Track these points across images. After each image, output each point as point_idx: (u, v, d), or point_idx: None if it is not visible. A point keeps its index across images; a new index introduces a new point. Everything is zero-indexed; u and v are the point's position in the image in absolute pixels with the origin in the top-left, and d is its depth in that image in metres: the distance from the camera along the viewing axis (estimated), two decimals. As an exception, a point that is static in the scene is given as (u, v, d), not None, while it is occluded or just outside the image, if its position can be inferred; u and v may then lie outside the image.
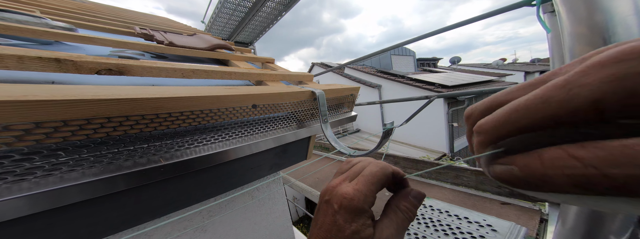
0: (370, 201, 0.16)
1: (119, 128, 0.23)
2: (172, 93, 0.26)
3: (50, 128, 0.19)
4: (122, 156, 0.24)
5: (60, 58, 0.29)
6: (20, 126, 0.18)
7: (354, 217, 0.15)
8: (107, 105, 0.21)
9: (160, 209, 0.31)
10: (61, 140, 0.20)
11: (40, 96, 0.18)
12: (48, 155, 0.20)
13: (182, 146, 0.30)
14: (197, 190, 0.35)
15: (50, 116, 0.18)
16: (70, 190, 0.21)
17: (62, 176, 0.21)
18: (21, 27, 0.44)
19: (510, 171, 0.10)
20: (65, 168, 0.21)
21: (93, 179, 0.22)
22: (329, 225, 0.15)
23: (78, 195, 0.21)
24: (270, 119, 0.41)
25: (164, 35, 0.78)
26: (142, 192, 0.28)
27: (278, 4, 3.14)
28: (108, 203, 0.25)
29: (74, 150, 0.21)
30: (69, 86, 0.23)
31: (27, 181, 0.19)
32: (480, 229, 0.64)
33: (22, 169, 0.19)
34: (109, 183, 0.23)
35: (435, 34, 0.94)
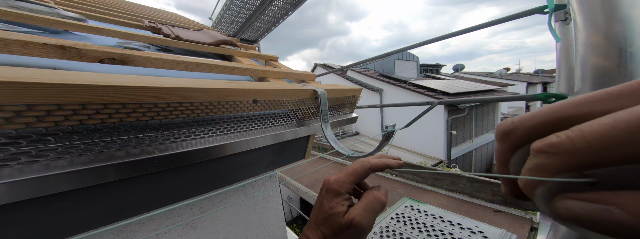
0: (347, 187, 0.21)
1: (115, 115, 0.23)
2: (173, 84, 0.26)
3: (42, 112, 0.19)
4: (115, 146, 0.24)
5: (65, 45, 0.30)
6: (11, 108, 0.17)
7: (333, 197, 0.20)
8: (105, 91, 0.21)
9: (150, 204, 0.31)
10: (52, 124, 0.20)
11: (37, 78, 0.18)
12: (36, 140, 0.19)
13: (178, 137, 0.29)
14: (190, 184, 0.35)
15: (44, 99, 0.18)
16: (56, 178, 0.20)
17: (49, 163, 0.20)
18: (33, 15, 0.44)
19: (607, 212, 0.07)
20: (52, 155, 0.20)
21: (82, 168, 0.21)
22: (317, 205, 0.22)
23: (64, 184, 0.21)
24: (271, 116, 0.41)
25: (171, 29, 0.79)
26: (133, 184, 0.28)
27: (285, 3, 3.18)
28: (95, 194, 0.25)
29: (65, 136, 0.21)
30: (69, 72, 0.23)
31: (8, 168, 0.19)
32: (473, 236, 0.64)
33: (6, 154, 0.18)
34: (99, 173, 0.22)
35: (442, 39, 0.94)
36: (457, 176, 0.98)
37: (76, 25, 0.50)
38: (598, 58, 0.38)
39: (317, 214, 0.21)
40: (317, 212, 0.21)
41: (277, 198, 0.62)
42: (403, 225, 0.75)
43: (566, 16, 0.58)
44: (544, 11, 0.58)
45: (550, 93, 0.61)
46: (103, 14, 0.76)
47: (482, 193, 0.92)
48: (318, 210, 0.21)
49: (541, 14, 0.59)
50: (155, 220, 0.38)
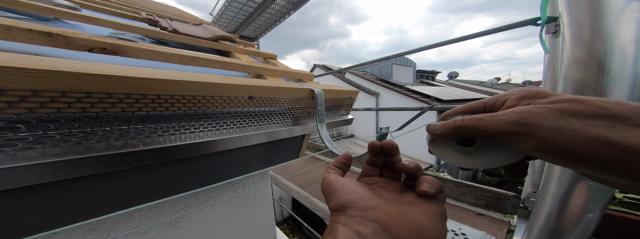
0: (336, 179, 0.21)
1: (98, 104, 0.22)
2: (164, 76, 0.25)
3: (14, 97, 0.17)
4: (95, 137, 0.23)
5: (52, 32, 0.28)
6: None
7: (328, 194, 0.20)
8: (89, 80, 0.20)
9: (129, 200, 0.29)
10: (26, 110, 0.18)
11: (13, 63, 0.16)
12: (4, 128, 0.18)
13: (166, 131, 0.28)
14: (175, 180, 0.33)
15: (18, 84, 0.17)
16: (23, 170, 0.18)
17: (15, 154, 0.18)
18: (22, 1, 0.42)
19: (451, 121, 0.19)
20: (21, 145, 0.19)
21: (53, 160, 0.19)
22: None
23: (33, 177, 0.19)
24: (265, 113, 0.40)
25: (169, 22, 0.77)
26: (112, 179, 0.26)
27: (287, 2, 3.18)
28: (69, 189, 0.23)
29: (38, 124, 0.19)
30: (52, 58, 0.22)
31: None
32: (456, 238, 0.65)
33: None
34: (74, 166, 0.21)
35: (439, 45, 0.97)
36: (444, 180, 1.01)
37: (68, 14, 0.48)
38: (579, 72, 0.40)
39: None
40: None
41: (268, 198, 0.61)
42: None
43: (556, 29, 0.61)
44: (536, 23, 0.60)
45: None
46: (99, 4, 0.74)
47: (467, 197, 0.95)
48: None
49: (534, 25, 0.62)
50: (134, 218, 0.35)
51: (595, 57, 0.37)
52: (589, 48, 0.38)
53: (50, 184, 0.21)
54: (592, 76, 0.37)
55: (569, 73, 0.42)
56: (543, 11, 0.58)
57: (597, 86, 0.37)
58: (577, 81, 0.40)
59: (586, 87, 0.39)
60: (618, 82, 0.35)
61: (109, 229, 0.33)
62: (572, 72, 0.41)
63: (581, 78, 0.39)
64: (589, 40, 0.38)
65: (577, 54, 0.40)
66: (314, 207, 1.68)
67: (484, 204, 0.86)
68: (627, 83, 0.35)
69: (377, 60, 1.43)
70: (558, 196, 0.41)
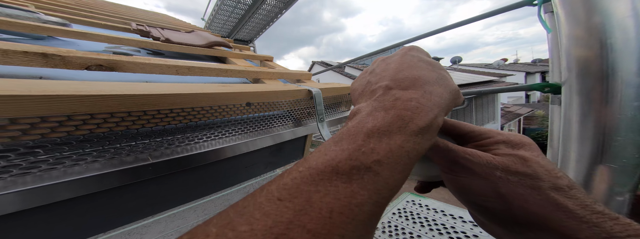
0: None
1: (103, 125, 0.22)
2: (161, 90, 0.25)
3: (26, 125, 0.18)
4: (107, 154, 0.24)
5: (47, 53, 0.28)
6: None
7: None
8: (90, 101, 0.20)
9: (148, 208, 0.31)
10: (39, 136, 0.19)
11: (15, 91, 0.17)
12: (24, 153, 0.19)
13: (172, 144, 0.29)
14: (188, 188, 0.35)
15: (26, 112, 0.17)
16: (50, 188, 0.20)
17: (42, 174, 0.20)
18: (11, 21, 0.43)
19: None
20: (44, 166, 0.20)
21: (75, 178, 0.21)
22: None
23: (64, 192, 0.21)
24: (266, 117, 0.40)
25: (160, 31, 0.77)
26: (130, 191, 0.28)
27: (278, 1, 3.11)
28: (97, 201, 0.25)
29: (54, 148, 0.20)
30: (52, 81, 0.22)
31: (2, 181, 0.18)
32: (475, 229, 0.64)
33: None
34: (87, 182, 0.22)
35: (437, 32, 0.93)
36: None
37: (60, 31, 0.48)
38: (581, 49, 0.38)
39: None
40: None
41: (278, 199, 0.62)
42: (405, 220, 0.76)
43: (554, 8, 0.58)
44: (533, 3, 0.57)
45: (544, 83, 0.62)
46: (88, 18, 0.74)
47: None
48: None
49: (531, 6, 0.59)
50: (161, 222, 0.39)
51: (594, 34, 0.36)
52: (586, 25, 0.37)
53: (87, 196, 0.22)
54: (595, 53, 0.36)
55: (570, 51, 0.40)
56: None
57: (603, 63, 0.36)
58: (581, 59, 0.39)
59: (591, 64, 0.37)
60: (625, 57, 0.34)
61: (141, 232, 0.35)
62: (573, 49, 0.40)
63: (584, 56, 0.38)
64: (584, 18, 0.37)
65: (575, 32, 0.39)
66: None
67: None
68: (634, 57, 0.34)
69: (376, 51, 1.39)
70: (579, 181, 0.40)
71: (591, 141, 0.38)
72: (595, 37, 0.36)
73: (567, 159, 0.43)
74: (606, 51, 0.35)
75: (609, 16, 0.35)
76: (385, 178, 0.11)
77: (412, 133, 0.12)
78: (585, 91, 0.38)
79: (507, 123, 7.15)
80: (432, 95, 0.14)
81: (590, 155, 0.38)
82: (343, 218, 0.09)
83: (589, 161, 0.39)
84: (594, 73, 0.37)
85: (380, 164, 0.11)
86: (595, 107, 0.37)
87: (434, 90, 0.14)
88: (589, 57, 0.37)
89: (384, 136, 0.12)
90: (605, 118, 0.36)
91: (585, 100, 0.38)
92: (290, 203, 0.09)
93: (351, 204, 0.10)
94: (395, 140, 0.12)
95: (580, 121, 0.40)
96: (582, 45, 0.38)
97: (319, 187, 0.10)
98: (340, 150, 0.11)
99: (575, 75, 0.40)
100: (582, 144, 0.39)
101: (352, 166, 0.11)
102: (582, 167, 0.39)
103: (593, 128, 0.38)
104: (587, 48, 0.37)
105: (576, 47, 0.39)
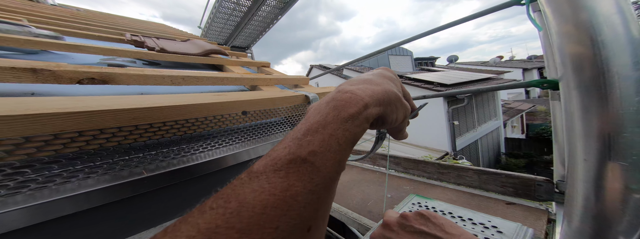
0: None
1: (92, 142, 0.21)
2: (152, 103, 0.24)
3: (10, 146, 0.17)
4: (100, 170, 0.23)
5: (36, 68, 0.28)
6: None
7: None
8: (76, 118, 0.19)
9: (146, 222, 0.29)
10: (25, 156, 0.18)
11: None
12: (11, 173, 0.18)
13: (168, 156, 0.28)
14: (190, 199, 0.33)
15: (8, 132, 0.16)
16: (41, 207, 0.19)
17: (33, 193, 0.19)
18: (2, 35, 0.42)
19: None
20: (33, 186, 0.19)
21: (68, 195, 0.20)
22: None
23: (64, 208, 0.20)
24: (264, 125, 0.39)
25: (156, 41, 0.77)
26: (126, 205, 0.26)
27: (273, 7, 3.16)
28: (86, 218, 0.23)
29: (42, 167, 0.19)
30: (39, 98, 0.21)
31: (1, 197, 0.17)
32: (486, 231, 0.61)
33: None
34: (90, 198, 0.21)
35: (429, 33, 0.94)
36: (463, 169, 0.95)
37: (53, 44, 0.48)
38: (572, 45, 0.39)
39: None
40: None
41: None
42: None
43: (541, 7, 0.59)
44: (521, 3, 0.59)
45: (542, 79, 0.62)
46: (82, 30, 0.74)
47: (491, 185, 0.88)
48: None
49: (518, 5, 0.60)
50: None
51: (583, 30, 0.37)
52: (574, 21, 0.38)
53: (67, 216, 0.21)
54: (588, 49, 0.37)
55: (563, 48, 0.41)
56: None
57: (596, 59, 0.36)
58: (575, 55, 0.39)
59: (585, 61, 0.37)
60: (617, 53, 0.35)
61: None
62: (565, 46, 0.40)
63: (577, 52, 0.38)
64: (571, 15, 0.38)
65: (565, 29, 0.39)
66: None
67: (513, 191, 0.80)
68: (627, 53, 0.34)
69: (373, 53, 1.40)
70: (589, 180, 0.38)
71: (596, 138, 0.37)
72: (584, 33, 0.36)
73: (574, 156, 0.41)
74: (599, 48, 0.35)
75: (594, 14, 0.35)
76: (318, 167, 0.12)
77: (342, 121, 0.14)
78: (583, 86, 0.38)
79: (509, 119, 7.13)
80: (366, 90, 0.16)
81: (597, 152, 0.37)
82: (277, 212, 0.10)
83: (597, 159, 0.37)
84: (589, 69, 0.37)
85: (315, 154, 0.12)
86: (595, 102, 0.37)
87: (370, 87, 0.17)
88: (582, 53, 0.37)
89: (321, 127, 0.13)
90: (608, 113, 0.36)
91: (584, 94, 0.38)
92: (222, 209, 0.10)
93: (286, 196, 0.10)
94: (327, 130, 0.13)
95: (582, 117, 0.39)
96: (573, 41, 0.38)
97: (256, 186, 0.11)
98: (283, 148, 0.13)
99: (570, 70, 0.40)
100: (587, 140, 0.38)
101: (289, 160, 0.12)
102: (591, 165, 0.38)
103: (597, 123, 0.37)
104: (579, 44, 0.37)
105: (568, 44, 0.39)
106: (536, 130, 7.17)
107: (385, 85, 0.18)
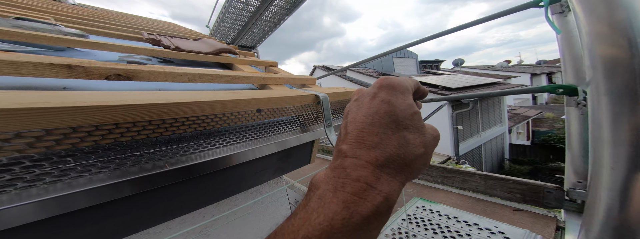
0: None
1: (126, 134, 0.23)
2: (178, 99, 0.26)
3: (59, 135, 0.19)
4: (128, 162, 0.24)
5: (71, 64, 0.30)
6: (31, 134, 0.18)
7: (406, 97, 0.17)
8: (116, 111, 0.21)
9: (163, 216, 0.31)
10: (70, 146, 0.20)
11: (50, 103, 0.18)
12: (57, 162, 0.20)
13: (187, 151, 0.30)
14: (201, 194, 0.35)
15: (60, 123, 0.18)
16: (77, 196, 0.21)
17: (71, 182, 0.21)
18: (36, 34, 0.45)
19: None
20: (72, 174, 0.21)
21: (100, 185, 0.22)
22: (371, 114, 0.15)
23: (85, 200, 0.22)
24: (274, 123, 0.41)
25: (170, 40, 0.80)
26: (147, 198, 0.28)
27: (281, 8, 3.20)
28: (113, 208, 0.25)
29: (82, 156, 0.21)
30: (78, 92, 0.23)
31: (36, 188, 0.19)
32: (492, 237, 0.60)
33: (31, 175, 0.19)
34: (116, 189, 0.23)
35: (438, 36, 0.94)
36: (468, 173, 0.94)
37: (79, 42, 0.51)
38: (605, 47, 0.36)
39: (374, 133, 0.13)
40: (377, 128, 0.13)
41: (285, 204, 0.62)
42: (416, 227, 0.72)
43: (563, 9, 0.57)
44: (539, 5, 0.57)
45: (558, 84, 0.60)
46: (103, 29, 0.78)
47: (498, 191, 0.86)
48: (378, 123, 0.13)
49: (536, 7, 0.59)
50: (171, 228, 0.39)
51: (620, 30, 0.34)
52: (609, 22, 0.35)
53: (99, 205, 0.23)
54: (624, 51, 0.34)
55: (593, 50, 0.38)
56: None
57: (633, 62, 0.33)
58: (606, 57, 0.36)
59: (620, 63, 0.35)
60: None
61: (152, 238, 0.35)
62: (597, 48, 0.38)
63: (610, 54, 0.36)
64: (606, 14, 0.35)
65: (598, 29, 0.37)
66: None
67: (520, 198, 0.77)
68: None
69: (377, 55, 1.41)
70: (616, 190, 0.36)
71: (627, 146, 0.34)
72: (620, 34, 0.33)
73: (599, 164, 0.38)
74: (637, 48, 0.32)
75: (634, 10, 0.32)
76: None
77: (355, 228, 0.10)
78: (616, 91, 0.35)
79: (515, 125, 6.98)
80: (383, 172, 0.12)
81: (626, 161, 0.34)
82: None
83: (626, 167, 0.35)
84: (625, 72, 0.34)
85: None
86: (628, 108, 0.34)
87: (390, 163, 0.12)
88: (616, 55, 0.35)
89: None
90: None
91: (616, 101, 0.35)
92: None
93: None
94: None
95: (611, 124, 0.36)
96: (606, 43, 0.35)
97: None
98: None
99: (601, 74, 0.37)
100: (615, 149, 0.35)
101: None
102: (619, 175, 0.36)
103: (628, 131, 0.34)
104: (613, 46, 0.35)
105: (600, 45, 0.36)
106: (542, 137, 6.98)
107: (407, 148, 0.13)
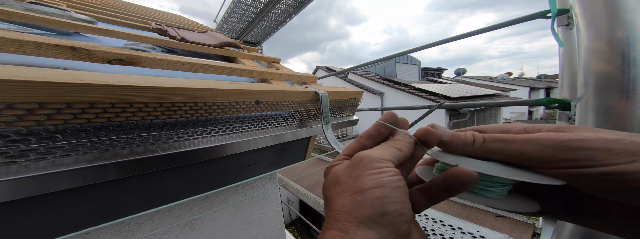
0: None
1: (121, 114, 0.23)
2: (178, 84, 0.26)
3: (52, 110, 0.19)
4: (120, 144, 0.24)
5: (76, 46, 0.31)
6: (24, 106, 0.18)
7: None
8: (112, 91, 0.21)
9: (147, 203, 0.31)
10: (62, 122, 0.20)
11: (49, 78, 0.18)
12: (45, 137, 0.20)
13: (181, 137, 0.30)
14: (191, 184, 0.35)
15: (55, 97, 0.19)
16: (59, 176, 0.20)
17: (55, 161, 0.20)
18: (47, 18, 0.46)
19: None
20: (59, 153, 0.21)
21: (86, 166, 0.21)
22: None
23: (66, 182, 0.21)
24: (272, 117, 0.41)
25: (177, 31, 0.81)
26: (133, 183, 0.28)
27: (288, 6, 3.23)
28: (95, 192, 0.25)
29: (73, 134, 0.21)
30: (78, 71, 0.24)
31: (16, 165, 0.19)
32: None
33: (15, 151, 0.19)
34: (101, 172, 0.22)
35: (442, 43, 0.95)
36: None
37: (86, 27, 0.52)
38: (601, 63, 0.37)
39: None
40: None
41: (276, 200, 0.61)
42: None
43: (569, 21, 0.58)
44: (546, 16, 0.57)
45: (553, 98, 0.60)
46: (112, 16, 0.79)
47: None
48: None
49: (544, 18, 0.59)
50: (154, 220, 0.38)
51: (616, 47, 0.35)
52: (608, 38, 0.36)
53: (80, 188, 0.23)
54: (616, 67, 0.35)
55: (589, 66, 0.39)
56: (552, 3, 0.56)
57: (624, 77, 0.34)
58: (600, 73, 0.38)
59: (610, 79, 0.36)
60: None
61: (133, 230, 0.35)
62: (593, 64, 0.39)
63: (604, 71, 0.37)
64: (607, 31, 0.36)
65: (596, 45, 0.38)
66: (321, 209, 1.68)
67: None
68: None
69: (381, 59, 1.42)
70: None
71: None
72: (616, 51, 0.35)
73: None
74: (628, 65, 0.34)
75: (633, 29, 0.33)
76: None
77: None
78: (602, 107, 0.37)
79: (510, 137, 7.00)
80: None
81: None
82: None
83: None
84: (613, 89, 0.35)
85: None
86: (611, 127, 0.35)
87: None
88: (609, 71, 0.36)
89: None
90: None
91: (601, 118, 0.37)
92: None
93: None
94: None
95: None
96: (602, 59, 0.36)
97: None
98: None
99: (592, 90, 0.38)
100: None
101: None
102: None
103: None
104: (608, 63, 0.36)
105: (596, 62, 0.38)
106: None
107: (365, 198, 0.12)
